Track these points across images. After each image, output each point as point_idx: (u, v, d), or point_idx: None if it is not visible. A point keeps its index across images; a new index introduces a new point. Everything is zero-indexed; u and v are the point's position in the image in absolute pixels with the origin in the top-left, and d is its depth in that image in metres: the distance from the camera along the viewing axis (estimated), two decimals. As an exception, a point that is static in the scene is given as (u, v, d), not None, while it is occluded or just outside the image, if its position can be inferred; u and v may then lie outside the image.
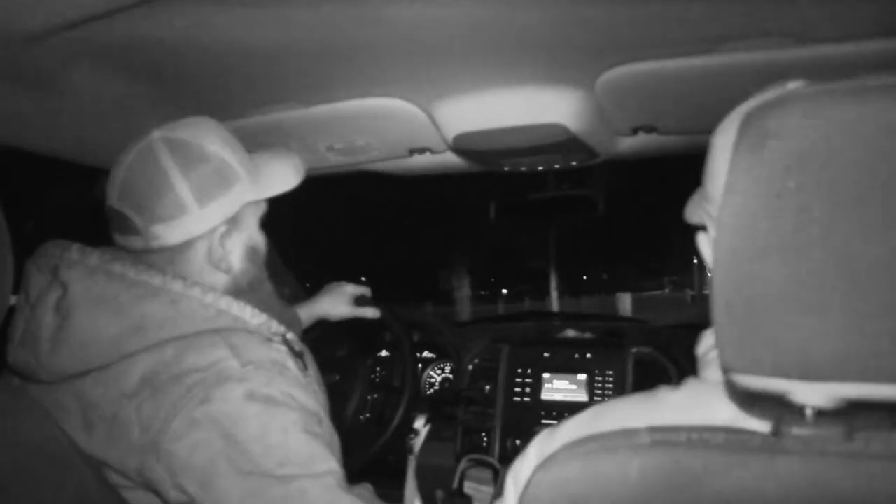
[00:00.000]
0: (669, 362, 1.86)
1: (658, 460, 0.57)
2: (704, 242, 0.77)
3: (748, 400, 0.58)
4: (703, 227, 0.77)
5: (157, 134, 1.05)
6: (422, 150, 1.65)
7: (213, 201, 1.05)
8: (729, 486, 0.55)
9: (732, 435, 0.56)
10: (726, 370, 0.58)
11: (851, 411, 0.54)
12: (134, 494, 0.97)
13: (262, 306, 1.12)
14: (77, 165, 1.47)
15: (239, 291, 1.12)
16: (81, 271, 1.01)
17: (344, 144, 1.61)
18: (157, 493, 0.95)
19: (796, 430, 0.54)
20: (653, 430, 0.59)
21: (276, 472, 0.92)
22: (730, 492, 0.55)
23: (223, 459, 0.92)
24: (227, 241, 1.09)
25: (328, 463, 0.97)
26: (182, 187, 1.02)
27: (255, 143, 1.29)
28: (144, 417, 0.93)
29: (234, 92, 1.38)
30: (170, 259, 1.06)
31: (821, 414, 0.54)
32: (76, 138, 1.40)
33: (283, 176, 1.17)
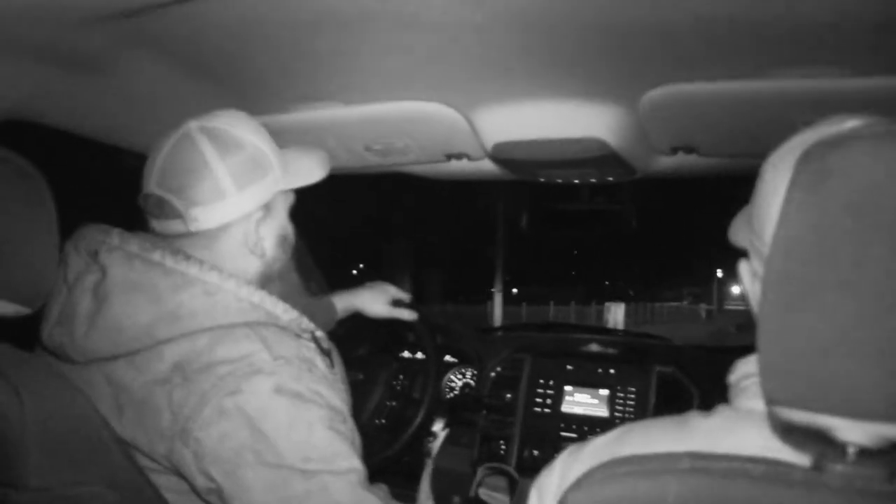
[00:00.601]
0: (692, 384, 1.84)
1: (697, 487, 0.57)
2: (745, 269, 0.77)
3: (789, 433, 0.58)
4: (743, 252, 0.77)
5: (194, 124, 1.07)
6: (459, 156, 1.65)
7: (250, 187, 1.07)
8: None
9: (773, 467, 0.56)
10: (769, 401, 0.58)
11: (894, 452, 0.54)
12: (162, 478, 0.99)
13: (289, 294, 1.14)
14: (103, 148, 1.49)
15: (268, 279, 1.15)
16: (121, 256, 1.03)
17: (382, 145, 1.62)
18: (184, 477, 0.97)
19: (838, 467, 0.54)
20: (693, 455, 0.59)
21: (300, 467, 0.94)
22: None
23: (249, 450, 0.93)
24: (263, 227, 1.12)
25: (351, 461, 0.99)
26: (221, 172, 1.05)
27: (294, 139, 1.31)
28: (175, 404, 0.95)
29: (278, 87, 1.40)
30: (207, 243, 1.08)
31: (863, 452, 0.54)
32: (121, 123, 1.43)
33: (310, 168, 1.19)
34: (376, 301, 1.68)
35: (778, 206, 0.60)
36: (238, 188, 1.06)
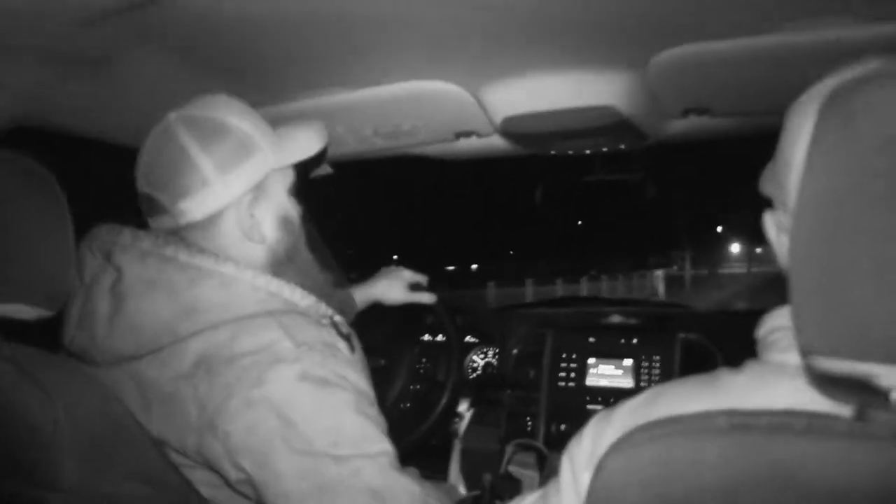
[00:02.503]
0: (716, 348, 1.84)
1: (738, 445, 0.56)
2: (770, 222, 0.75)
3: (828, 383, 0.57)
4: (769, 203, 0.76)
5: (173, 115, 1.06)
6: (468, 134, 1.64)
7: (234, 171, 1.05)
8: (814, 471, 0.54)
9: (815, 419, 0.55)
10: (805, 353, 0.56)
11: None
12: (195, 473, 0.99)
13: (304, 278, 1.13)
14: (117, 148, 1.49)
15: (278, 263, 1.12)
16: (134, 255, 1.03)
17: (390, 128, 1.61)
18: (217, 471, 0.97)
19: (882, 415, 0.53)
20: (731, 413, 0.58)
21: (331, 452, 0.93)
22: (815, 476, 0.54)
23: (279, 440, 0.93)
24: (256, 210, 1.09)
25: (381, 444, 0.98)
26: (201, 160, 1.03)
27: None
28: (201, 398, 0.95)
29: (283, 76, 1.39)
30: (202, 235, 1.07)
31: None
32: (127, 122, 1.42)
33: (305, 141, 1.16)
34: (393, 287, 1.67)
35: (802, 154, 0.58)
36: (221, 173, 1.04)
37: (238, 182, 1.05)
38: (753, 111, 1.44)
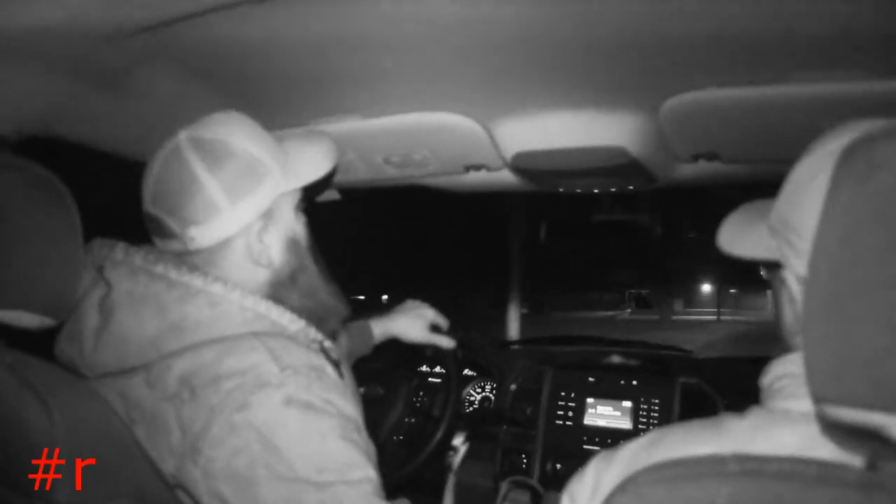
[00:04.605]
0: (717, 394, 1.83)
1: (748, 490, 0.56)
2: (776, 275, 0.77)
3: (840, 432, 0.56)
4: (762, 263, 0.77)
5: (183, 135, 1.04)
6: (478, 167, 1.65)
7: (245, 198, 1.04)
8: None
9: (826, 468, 0.54)
10: (817, 400, 0.56)
11: None
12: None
13: (307, 299, 1.12)
14: (124, 162, 1.49)
15: (281, 285, 1.11)
16: (125, 271, 1.02)
17: (401, 157, 1.62)
18: (190, 496, 0.95)
19: (894, 466, 0.52)
20: (741, 458, 0.58)
21: (314, 479, 0.92)
22: None
23: (262, 466, 0.91)
24: (265, 236, 1.08)
25: (365, 470, 0.96)
26: (212, 188, 1.02)
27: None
28: (184, 421, 0.93)
29: (296, 101, 1.40)
30: (209, 259, 1.06)
31: None
32: (143, 138, 1.43)
33: (315, 161, 1.14)
34: (414, 326, 1.66)
35: (817, 205, 0.59)
36: (232, 202, 1.03)
37: (249, 210, 1.05)
38: (762, 159, 1.45)
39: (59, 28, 0.97)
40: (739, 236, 0.84)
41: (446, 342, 1.67)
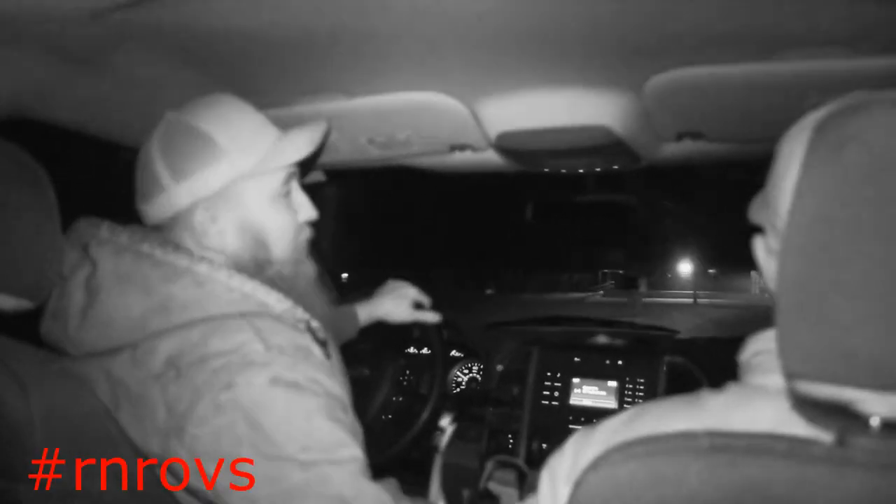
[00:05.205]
0: (702, 373, 1.84)
1: (718, 465, 0.56)
2: (760, 245, 0.76)
3: (810, 407, 0.57)
4: (760, 230, 0.76)
5: (166, 116, 1.08)
6: (462, 147, 1.64)
7: (190, 177, 1.04)
8: (794, 495, 0.53)
9: (795, 443, 0.55)
10: (788, 376, 0.56)
11: None
12: None
13: (276, 289, 1.11)
14: (103, 144, 1.48)
15: (244, 271, 1.08)
16: (111, 249, 1.02)
17: (385, 138, 1.61)
18: (174, 475, 0.95)
19: (862, 441, 0.53)
20: (712, 434, 0.58)
21: (299, 458, 0.92)
22: (795, 500, 0.53)
23: (247, 445, 0.91)
24: (218, 217, 1.07)
25: (351, 450, 0.97)
26: (157, 165, 1.04)
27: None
28: (170, 399, 0.93)
29: (279, 80, 1.38)
30: (163, 238, 1.08)
31: (887, 426, 0.53)
32: (124, 120, 1.42)
33: (292, 147, 1.11)
34: (399, 306, 1.68)
35: (793, 180, 0.58)
36: (176, 180, 1.03)
37: (192, 189, 1.04)
38: (747, 137, 1.45)
39: (36, 8, 0.95)
40: (756, 205, 0.82)
41: (431, 317, 1.68)
